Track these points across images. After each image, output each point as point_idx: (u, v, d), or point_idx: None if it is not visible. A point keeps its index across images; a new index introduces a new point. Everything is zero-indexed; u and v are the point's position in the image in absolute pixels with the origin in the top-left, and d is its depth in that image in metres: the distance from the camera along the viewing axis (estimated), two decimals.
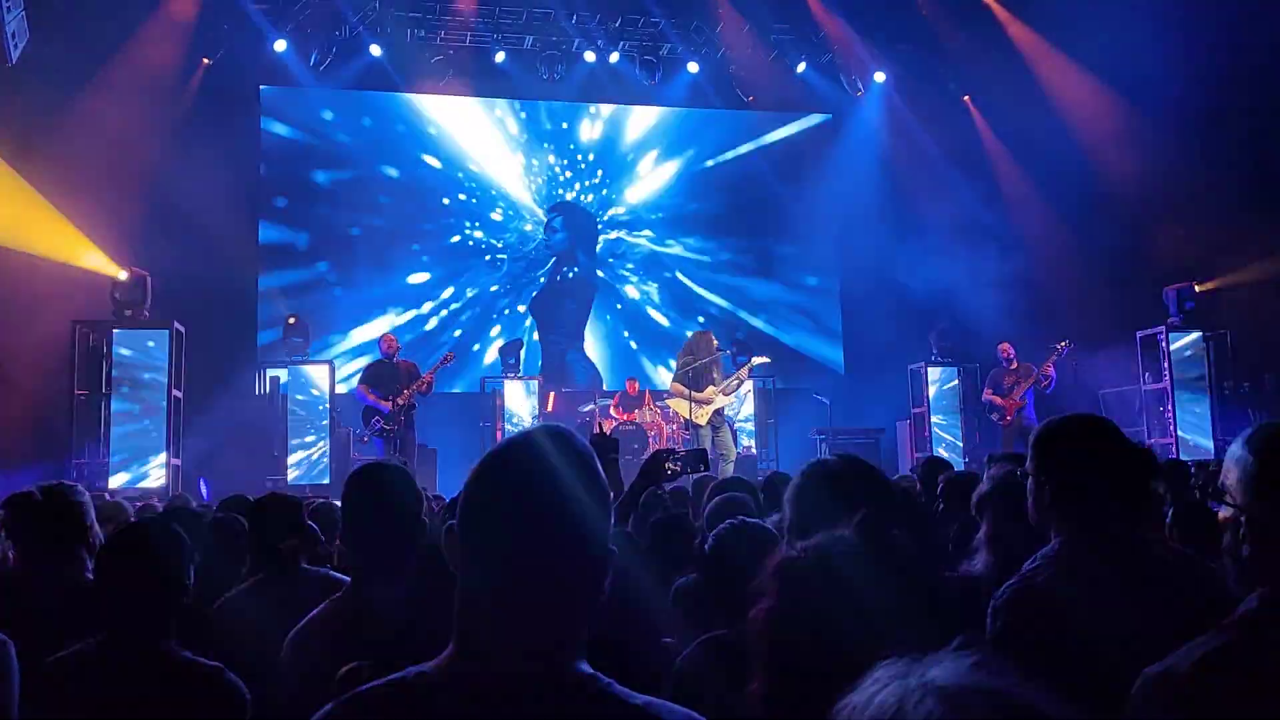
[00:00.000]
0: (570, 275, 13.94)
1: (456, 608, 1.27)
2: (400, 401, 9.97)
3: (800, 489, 2.24)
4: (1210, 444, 10.77)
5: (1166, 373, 11.16)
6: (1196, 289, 11.24)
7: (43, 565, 3.02)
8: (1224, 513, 1.67)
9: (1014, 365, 10.85)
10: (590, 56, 12.99)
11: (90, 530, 3.09)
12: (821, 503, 2.14)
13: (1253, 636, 1.54)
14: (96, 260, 10.55)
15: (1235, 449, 1.67)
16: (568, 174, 14.00)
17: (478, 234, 13.70)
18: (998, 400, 10.80)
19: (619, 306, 14.06)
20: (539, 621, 1.24)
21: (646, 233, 14.17)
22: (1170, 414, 11.09)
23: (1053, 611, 2.12)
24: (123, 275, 10.23)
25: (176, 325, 10.16)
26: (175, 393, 10.09)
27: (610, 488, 3.75)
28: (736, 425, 11.85)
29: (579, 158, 14.01)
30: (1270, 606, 1.56)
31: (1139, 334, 11.56)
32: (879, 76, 13.52)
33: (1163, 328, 11.27)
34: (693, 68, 13.27)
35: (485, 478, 1.29)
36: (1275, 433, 1.65)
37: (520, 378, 12.32)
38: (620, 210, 14.12)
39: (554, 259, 13.92)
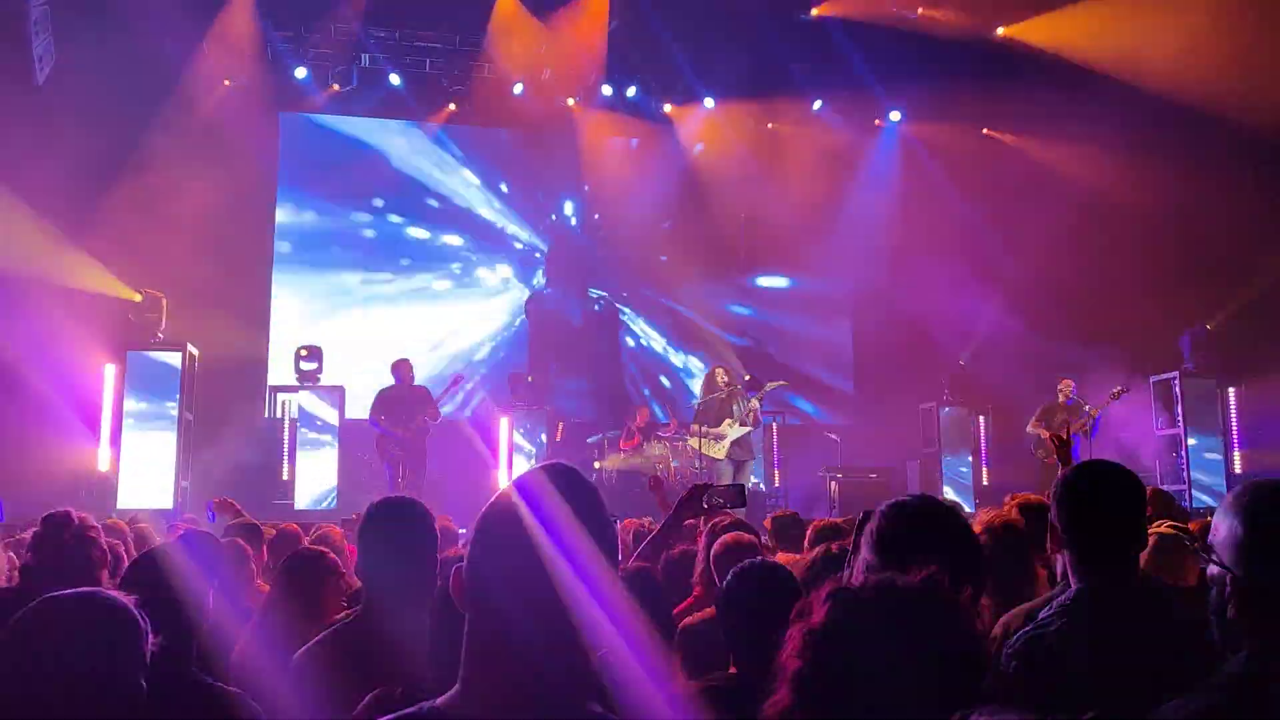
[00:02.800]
0: (577, 306, 13.96)
1: (465, 646, 1.29)
2: (413, 428, 9.92)
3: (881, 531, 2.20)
4: (1224, 491, 10.68)
5: (1180, 418, 11.09)
6: (1209, 329, 11.20)
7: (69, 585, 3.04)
8: (1211, 570, 1.66)
9: (1070, 403, 10.61)
10: (607, 90, 13.07)
11: (107, 555, 3.15)
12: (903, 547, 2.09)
13: (1239, 698, 1.54)
14: (112, 282, 10.63)
15: (1223, 509, 1.67)
16: (573, 205, 14.08)
17: (487, 261, 13.76)
18: (1044, 434, 10.27)
19: (631, 339, 14.07)
20: (547, 663, 1.26)
21: (654, 265, 14.18)
22: (1184, 460, 11.01)
23: (1063, 662, 2.13)
24: (138, 297, 10.29)
25: (190, 348, 10.20)
26: (186, 415, 10.12)
27: None
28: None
29: (587, 189, 14.07)
30: (1256, 668, 1.55)
31: (1152, 379, 11.51)
32: (894, 115, 13.59)
33: (1177, 373, 11.22)
34: (709, 103, 13.34)
35: (494, 520, 1.31)
36: (1265, 496, 1.65)
37: (528, 407, 12.31)
38: (629, 243, 14.15)
39: (557, 289, 13.94)
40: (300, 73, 12.32)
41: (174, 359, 10.08)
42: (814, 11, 11.70)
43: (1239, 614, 1.60)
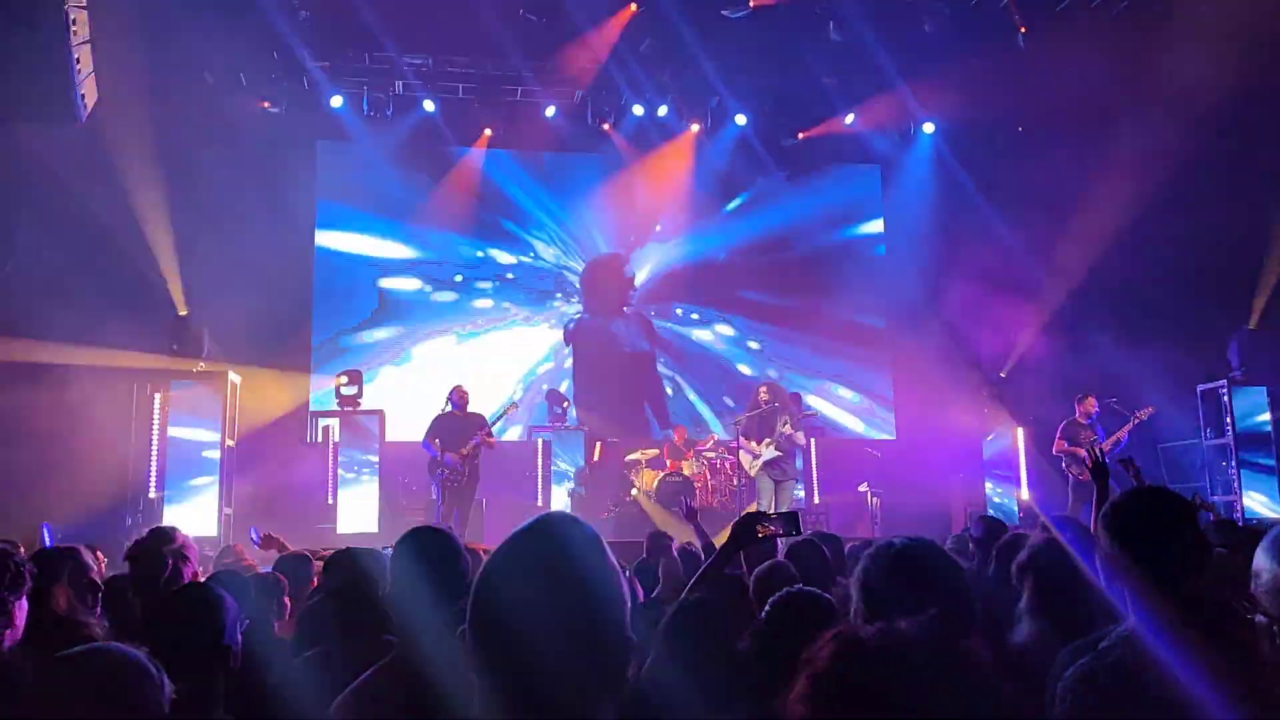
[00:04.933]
0: (612, 326, 13.95)
1: (476, 707, 1.28)
2: (464, 453, 9.98)
3: (867, 573, 2.20)
4: (1277, 502, 10.46)
5: (1229, 428, 10.86)
6: (1261, 338, 10.98)
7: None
8: (1259, 619, 1.60)
9: (1092, 422, 10.46)
10: (639, 110, 13.10)
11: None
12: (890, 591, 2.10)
13: None
14: (156, 307, 10.82)
15: (1260, 555, 1.61)
16: (608, 224, 14.09)
17: (531, 285, 13.81)
18: (1080, 453, 10.08)
19: (670, 356, 14.03)
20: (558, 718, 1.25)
21: (690, 285, 14.14)
22: (1234, 471, 10.78)
23: (1123, 694, 2.08)
24: (184, 310, 10.51)
25: (231, 375, 10.35)
26: (228, 442, 10.26)
27: (707, 552, 3.69)
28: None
29: (621, 208, 14.08)
30: None
31: (1200, 388, 11.29)
32: (928, 127, 13.48)
33: (1225, 382, 11.00)
34: (740, 120, 13.30)
35: (496, 578, 1.30)
36: None
37: (567, 427, 12.32)
38: (663, 264, 14.15)
39: (590, 311, 13.96)
40: (336, 101, 12.45)
41: (216, 388, 10.25)
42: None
43: None
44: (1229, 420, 10.89)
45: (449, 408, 10.31)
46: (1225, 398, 11.01)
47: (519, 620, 1.25)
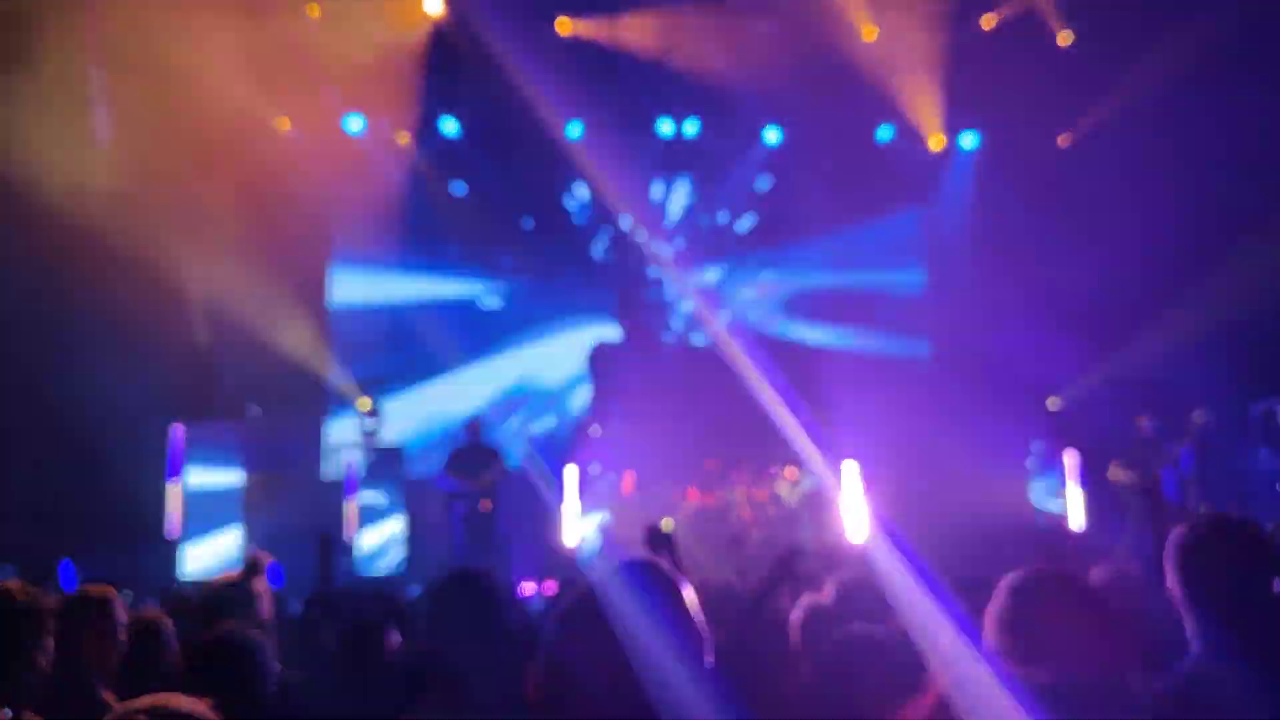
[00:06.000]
0: (645, 351, 13.75)
1: None
2: (481, 485, 9.91)
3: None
4: None
5: None
6: None
7: None
8: None
9: (1148, 440, 10.14)
10: (667, 128, 12.97)
11: None
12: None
13: None
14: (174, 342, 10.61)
15: None
16: (641, 246, 13.87)
17: (555, 309, 13.68)
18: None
19: (706, 379, 13.74)
20: None
21: (724, 309, 13.92)
22: None
23: None
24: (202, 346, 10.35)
25: (251, 411, 10.23)
26: (249, 478, 10.15)
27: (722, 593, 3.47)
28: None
29: (654, 231, 13.87)
30: None
31: (1252, 406, 10.92)
32: (967, 141, 13.19)
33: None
34: (772, 137, 13.09)
35: (574, 622, 1.39)
36: None
37: (596, 457, 12.04)
38: (699, 285, 13.92)
39: (628, 334, 13.82)
40: (355, 125, 12.29)
41: (235, 425, 10.20)
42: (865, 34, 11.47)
43: None
44: None
45: (465, 440, 10.41)
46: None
47: (605, 666, 1.31)
